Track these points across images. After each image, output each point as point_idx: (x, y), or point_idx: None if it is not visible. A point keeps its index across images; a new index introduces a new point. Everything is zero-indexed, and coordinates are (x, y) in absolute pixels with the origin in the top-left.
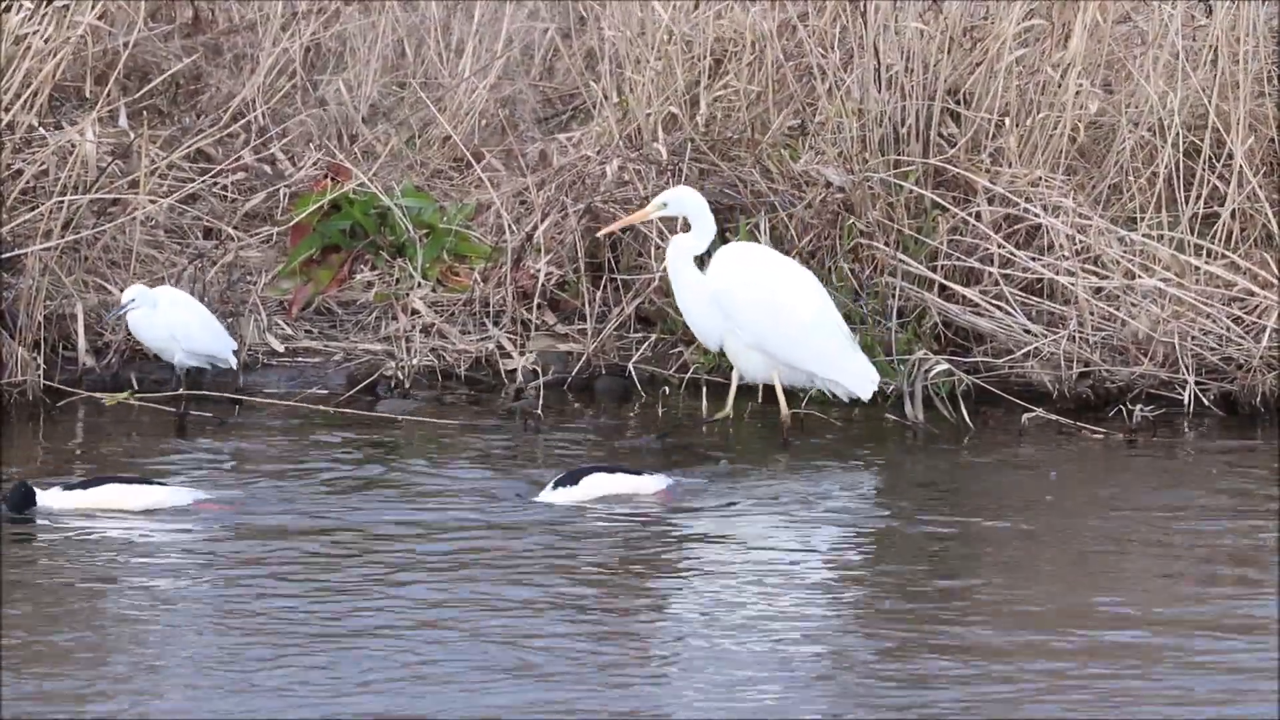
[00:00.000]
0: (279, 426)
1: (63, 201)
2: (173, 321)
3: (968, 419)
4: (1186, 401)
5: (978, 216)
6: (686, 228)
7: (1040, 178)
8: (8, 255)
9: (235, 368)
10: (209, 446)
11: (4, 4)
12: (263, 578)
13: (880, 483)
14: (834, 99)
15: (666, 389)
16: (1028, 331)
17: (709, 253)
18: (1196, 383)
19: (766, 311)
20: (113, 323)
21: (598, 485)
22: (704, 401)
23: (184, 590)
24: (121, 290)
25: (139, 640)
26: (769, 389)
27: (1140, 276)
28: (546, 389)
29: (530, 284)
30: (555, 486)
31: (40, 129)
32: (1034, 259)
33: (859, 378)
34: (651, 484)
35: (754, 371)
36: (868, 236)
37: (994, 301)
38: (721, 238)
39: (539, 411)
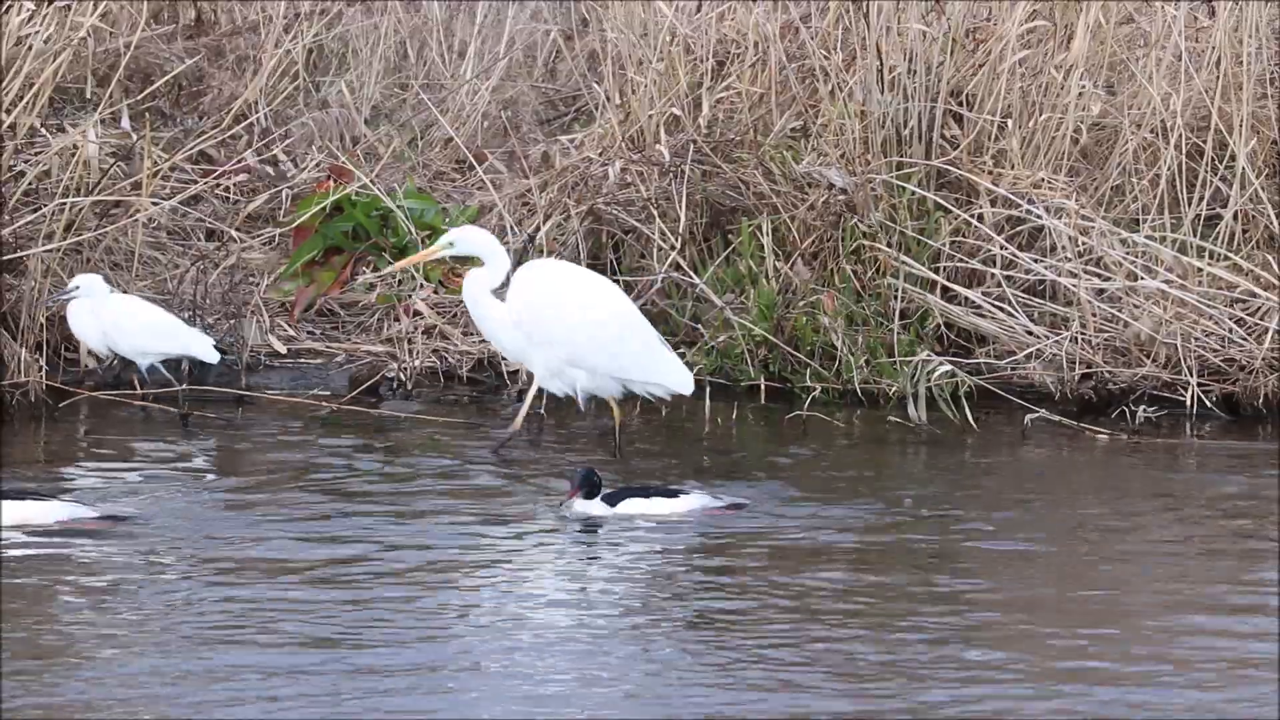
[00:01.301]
0: (281, 427)
1: (65, 203)
2: (105, 322)
3: (971, 420)
4: (1189, 403)
5: (980, 218)
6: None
7: (1043, 179)
8: (10, 257)
9: (215, 362)
10: (209, 447)
11: (5, 5)
12: (253, 579)
13: (882, 483)
14: (836, 101)
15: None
16: (1030, 333)
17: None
18: (1199, 384)
19: (575, 329)
20: (53, 305)
21: (633, 509)
22: (706, 401)
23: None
24: (122, 291)
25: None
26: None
27: (1143, 278)
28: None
29: None
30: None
31: (42, 131)
32: (1036, 260)
33: (678, 375)
34: (689, 504)
35: (565, 384)
36: (870, 238)
37: (996, 303)
38: (724, 239)
39: (542, 412)
